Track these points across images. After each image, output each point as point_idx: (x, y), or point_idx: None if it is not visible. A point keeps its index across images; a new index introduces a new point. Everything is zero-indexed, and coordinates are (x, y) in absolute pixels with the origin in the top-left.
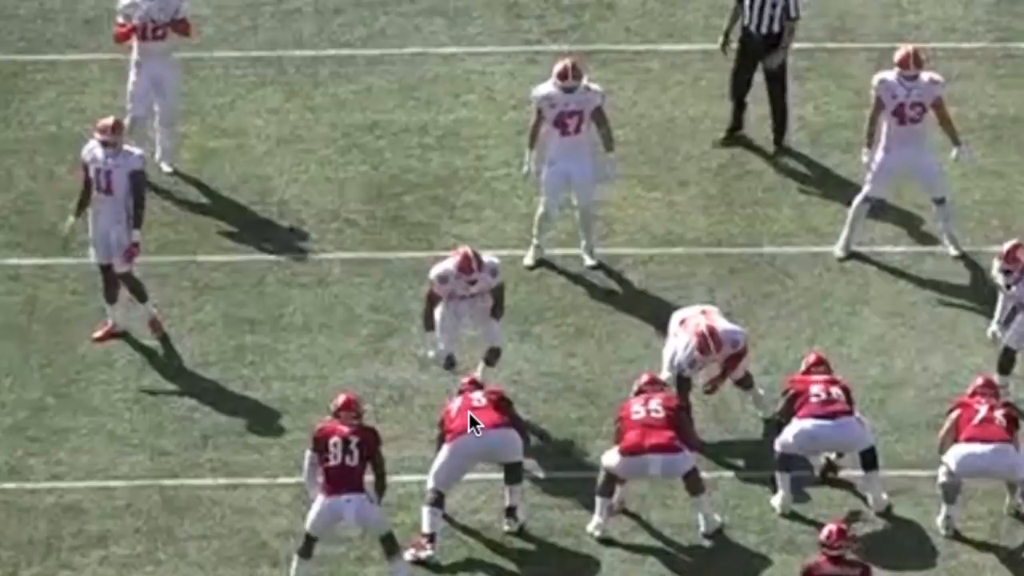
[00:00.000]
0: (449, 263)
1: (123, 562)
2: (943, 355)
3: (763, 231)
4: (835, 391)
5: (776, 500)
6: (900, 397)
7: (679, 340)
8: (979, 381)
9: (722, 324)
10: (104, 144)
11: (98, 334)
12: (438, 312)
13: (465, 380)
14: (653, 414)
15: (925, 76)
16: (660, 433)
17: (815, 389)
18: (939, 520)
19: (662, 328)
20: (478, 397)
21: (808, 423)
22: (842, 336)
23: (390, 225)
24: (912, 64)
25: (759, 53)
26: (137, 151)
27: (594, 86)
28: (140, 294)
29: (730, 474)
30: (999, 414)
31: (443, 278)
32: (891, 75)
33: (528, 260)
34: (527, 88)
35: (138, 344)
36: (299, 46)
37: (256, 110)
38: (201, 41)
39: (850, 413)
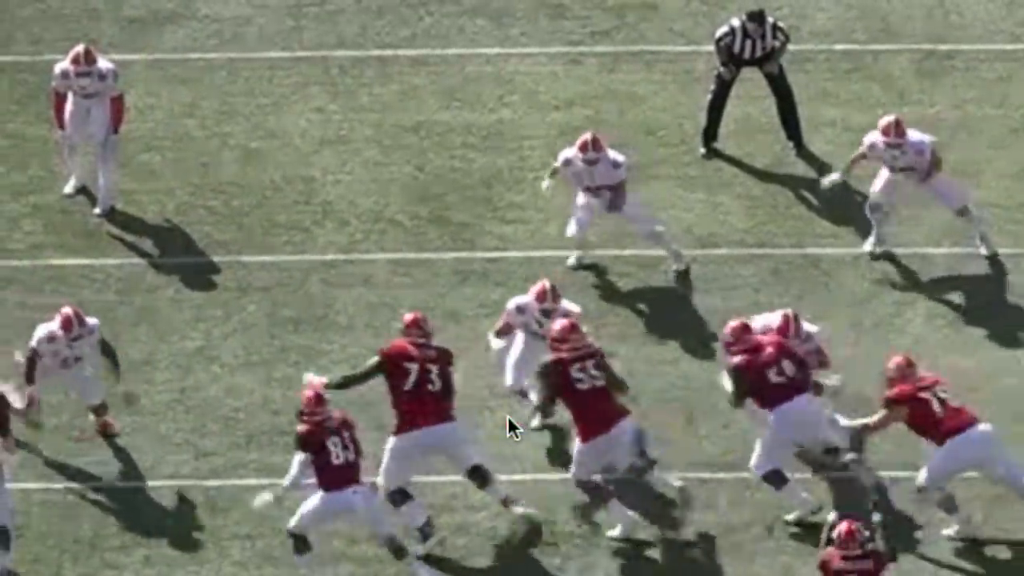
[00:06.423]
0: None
1: (166, 561)
2: (988, 356)
3: (806, 232)
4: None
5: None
6: None
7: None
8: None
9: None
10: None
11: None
12: (517, 346)
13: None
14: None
15: (912, 140)
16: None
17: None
18: None
19: (705, 329)
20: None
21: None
22: (885, 337)
23: (434, 225)
24: (893, 133)
25: (751, 63)
26: (92, 321)
27: (620, 157)
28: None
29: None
30: None
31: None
32: (879, 140)
33: (572, 261)
34: (570, 89)
35: (181, 344)
36: (343, 47)
37: (300, 111)
38: (245, 42)
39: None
